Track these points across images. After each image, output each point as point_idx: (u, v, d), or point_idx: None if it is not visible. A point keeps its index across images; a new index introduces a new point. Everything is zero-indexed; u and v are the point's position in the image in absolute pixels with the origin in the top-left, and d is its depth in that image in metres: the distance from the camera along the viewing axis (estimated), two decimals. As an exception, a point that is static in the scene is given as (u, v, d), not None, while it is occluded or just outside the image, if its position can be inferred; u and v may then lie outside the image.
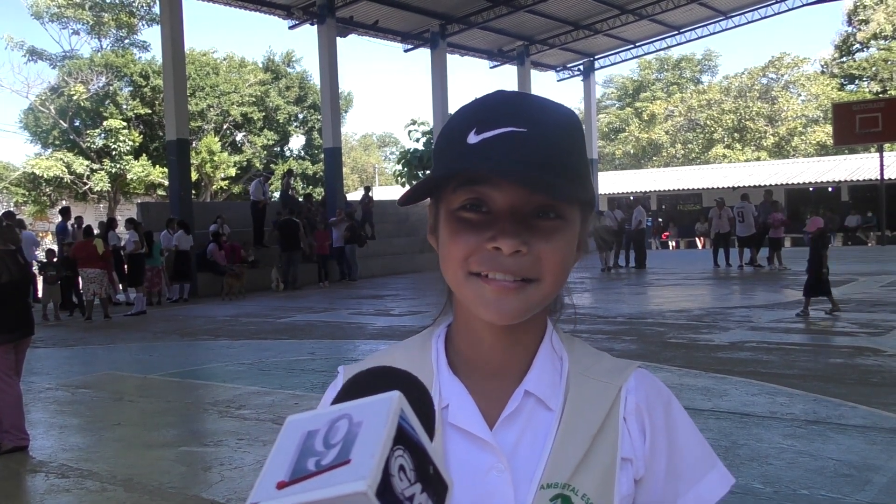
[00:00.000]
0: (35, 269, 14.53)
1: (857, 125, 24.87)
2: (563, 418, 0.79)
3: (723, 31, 26.62)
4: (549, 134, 0.75)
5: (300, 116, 36.23)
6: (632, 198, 31.05)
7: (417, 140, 28.92)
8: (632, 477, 0.80)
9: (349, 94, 37.47)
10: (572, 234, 0.79)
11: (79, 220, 15.38)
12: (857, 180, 30.61)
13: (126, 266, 14.50)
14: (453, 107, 25.08)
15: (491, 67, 27.99)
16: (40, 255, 16.57)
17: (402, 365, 0.77)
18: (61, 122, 29.78)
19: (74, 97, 28.81)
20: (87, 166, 29.47)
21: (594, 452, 0.78)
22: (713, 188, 32.09)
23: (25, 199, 31.17)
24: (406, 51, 24.93)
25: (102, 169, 29.55)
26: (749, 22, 25.81)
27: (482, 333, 0.82)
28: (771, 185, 30.53)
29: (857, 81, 42.25)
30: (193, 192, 22.19)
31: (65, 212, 15.57)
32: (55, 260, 13.75)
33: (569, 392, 0.81)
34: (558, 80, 30.30)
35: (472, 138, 0.75)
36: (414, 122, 29.35)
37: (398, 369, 0.60)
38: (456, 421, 0.79)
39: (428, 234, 0.85)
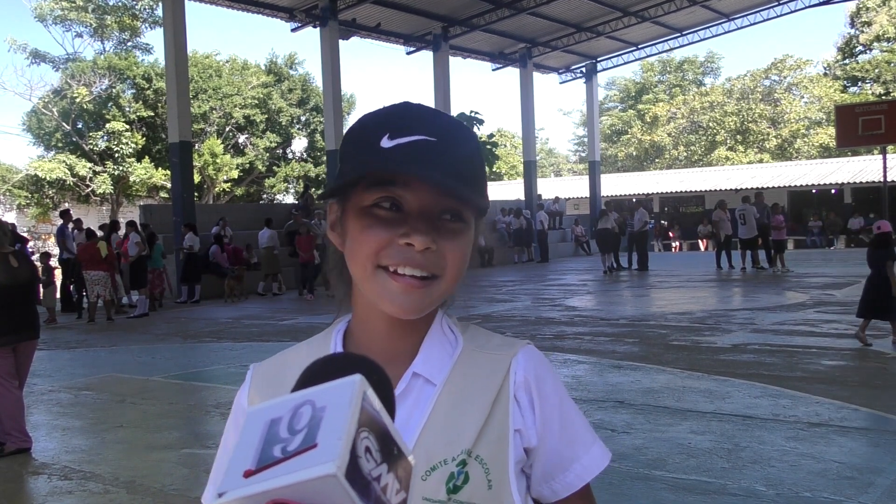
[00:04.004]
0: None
1: (859, 127, 24.79)
2: (444, 390, 0.85)
3: (725, 33, 26.61)
4: (457, 145, 0.82)
5: (303, 119, 36.23)
6: (634, 200, 31.04)
7: (420, 142, 28.91)
8: (521, 446, 0.86)
9: (352, 97, 37.45)
10: (470, 238, 0.86)
11: (77, 222, 15.40)
12: (860, 182, 30.57)
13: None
14: (456, 109, 25.13)
15: (493, 70, 28.03)
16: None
17: (306, 358, 0.85)
18: (64, 124, 29.82)
19: (77, 100, 28.85)
20: (90, 169, 29.52)
21: (491, 421, 0.84)
22: (716, 190, 32.06)
23: (28, 201, 31.22)
24: (408, 53, 24.96)
25: (105, 171, 29.60)
26: (751, 24, 25.80)
27: (379, 324, 0.87)
28: (773, 188, 30.53)
29: (859, 83, 42.20)
30: (196, 194, 22.20)
31: (65, 214, 15.58)
32: (50, 263, 13.78)
33: (455, 367, 0.87)
34: (560, 83, 30.32)
35: (386, 143, 0.80)
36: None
37: (355, 354, 0.63)
38: None
39: (328, 231, 0.90)
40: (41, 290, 14.61)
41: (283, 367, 0.93)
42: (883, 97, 36.54)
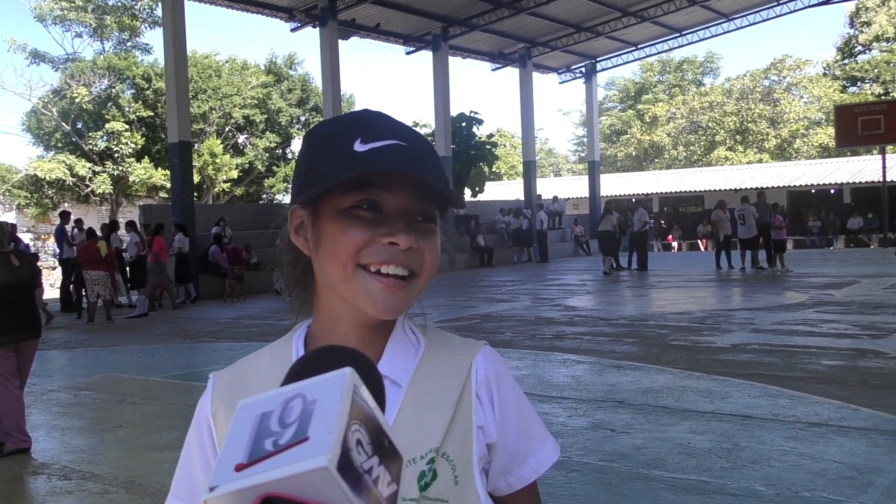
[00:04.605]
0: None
1: (859, 127, 24.84)
2: (409, 390, 0.86)
3: (724, 33, 26.63)
4: (425, 150, 0.84)
5: (302, 118, 36.21)
6: (633, 200, 31.04)
7: (419, 142, 28.89)
8: (484, 442, 0.89)
9: (351, 97, 37.45)
10: (439, 239, 0.88)
11: (79, 222, 15.41)
12: (860, 182, 30.59)
13: (128, 268, 14.51)
14: (455, 109, 25.12)
15: (493, 70, 28.03)
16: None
17: (267, 364, 0.90)
18: (63, 124, 29.80)
19: (77, 100, 28.83)
20: (90, 169, 29.50)
21: (456, 419, 0.86)
22: (715, 190, 32.08)
23: (28, 201, 31.20)
24: (408, 53, 24.96)
25: (105, 171, 29.58)
26: (751, 24, 25.81)
27: (347, 328, 0.87)
28: (773, 188, 30.53)
29: (859, 83, 42.24)
30: (195, 194, 22.20)
31: (64, 215, 15.59)
32: (38, 264, 13.74)
33: (419, 367, 0.88)
34: (560, 83, 30.33)
35: (360, 147, 0.81)
36: (416, 125, 29.38)
37: (345, 348, 0.62)
38: None
39: (292, 236, 0.89)
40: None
41: (244, 374, 0.93)
42: (882, 97, 36.56)
